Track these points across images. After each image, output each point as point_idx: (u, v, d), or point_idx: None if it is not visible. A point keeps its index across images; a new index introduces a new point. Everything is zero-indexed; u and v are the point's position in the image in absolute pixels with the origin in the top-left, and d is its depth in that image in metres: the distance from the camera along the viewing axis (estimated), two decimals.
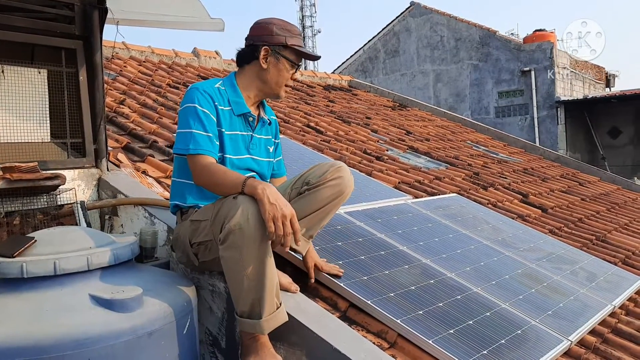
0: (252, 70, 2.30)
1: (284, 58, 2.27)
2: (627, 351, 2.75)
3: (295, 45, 2.27)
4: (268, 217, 1.84)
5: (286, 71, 2.29)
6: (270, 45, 2.25)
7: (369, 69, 18.43)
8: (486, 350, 2.24)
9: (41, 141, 2.86)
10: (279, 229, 1.85)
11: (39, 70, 2.84)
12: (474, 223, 3.86)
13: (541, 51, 15.30)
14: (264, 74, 2.28)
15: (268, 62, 2.26)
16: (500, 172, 6.18)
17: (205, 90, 2.20)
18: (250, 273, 1.91)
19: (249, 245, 1.88)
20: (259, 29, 2.28)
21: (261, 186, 1.90)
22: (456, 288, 2.73)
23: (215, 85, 2.26)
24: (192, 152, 2.09)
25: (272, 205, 1.85)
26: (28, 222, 2.60)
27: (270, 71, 2.28)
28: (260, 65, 2.26)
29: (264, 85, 2.32)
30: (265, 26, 2.27)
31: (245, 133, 2.32)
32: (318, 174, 2.27)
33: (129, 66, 6.29)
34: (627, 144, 16.03)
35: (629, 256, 4.31)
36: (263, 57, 2.25)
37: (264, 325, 1.99)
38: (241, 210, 1.87)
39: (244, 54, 2.31)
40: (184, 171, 2.23)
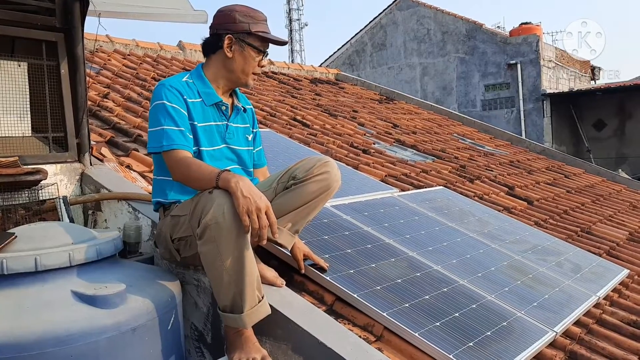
0: (218, 59, 2.26)
1: (248, 45, 2.22)
2: (611, 341, 2.77)
3: (259, 32, 2.21)
4: (242, 211, 1.82)
5: (252, 59, 2.24)
6: (233, 34, 2.20)
7: (356, 62, 18.42)
8: (472, 342, 2.25)
9: (22, 135, 2.82)
10: (254, 222, 1.83)
11: (19, 63, 2.79)
12: (460, 216, 3.86)
13: (527, 44, 15.38)
14: (230, 63, 2.24)
15: (233, 50, 2.22)
16: (486, 164, 6.20)
17: (172, 85, 2.16)
18: (229, 267, 1.89)
19: (226, 239, 1.86)
20: (221, 17, 2.23)
21: (234, 179, 1.87)
22: (442, 281, 2.73)
23: (182, 79, 2.22)
24: (166, 148, 2.07)
25: (245, 199, 1.83)
26: (9, 217, 2.56)
27: (236, 60, 2.23)
28: (225, 54, 2.22)
29: (231, 74, 2.27)
30: (227, 14, 2.22)
31: (219, 123, 2.29)
32: (305, 168, 2.23)
33: (113, 59, 6.22)
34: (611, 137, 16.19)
35: (614, 247, 4.35)
36: (227, 45, 2.21)
37: (245, 319, 1.97)
38: (216, 205, 1.86)
39: (209, 44, 2.27)
40: (162, 169, 2.21)
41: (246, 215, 1.82)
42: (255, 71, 2.29)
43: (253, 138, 2.48)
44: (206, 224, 1.87)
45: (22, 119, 2.80)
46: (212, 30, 2.25)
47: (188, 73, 2.28)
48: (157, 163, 2.26)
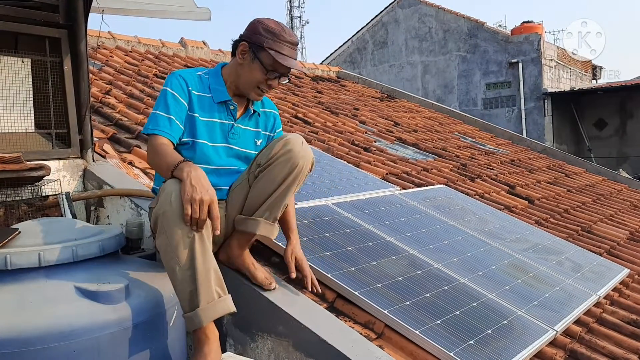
0: (234, 62, 2.28)
1: (257, 59, 2.21)
2: (612, 340, 2.78)
3: (272, 50, 2.18)
4: (185, 199, 1.80)
5: (258, 72, 2.23)
6: (249, 43, 2.21)
7: (357, 60, 18.41)
8: (472, 340, 2.26)
9: (25, 131, 2.83)
10: (194, 212, 1.79)
11: (22, 59, 2.80)
12: (461, 214, 3.87)
13: (529, 43, 15.37)
14: (239, 69, 2.26)
15: (244, 58, 2.23)
16: (487, 163, 6.21)
17: (181, 75, 2.21)
18: (182, 261, 1.83)
19: (174, 229, 1.82)
20: (249, 25, 2.26)
21: (187, 169, 1.86)
22: (443, 279, 2.74)
23: (197, 73, 2.27)
24: (149, 131, 2.10)
25: (192, 187, 1.81)
26: (12, 213, 2.57)
27: (245, 68, 2.24)
28: (237, 59, 2.25)
29: (238, 80, 2.28)
30: (254, 24, 2.24)
31: (225, 121, 2.29)
32: (267, 153, 2.18)
33: (115, 56, 6.23)
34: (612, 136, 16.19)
35: (614, 247, 4.36)
36: (240, 51, 2.23)
37: (201, 314, 1.83)
38: (165, 193, 1.86)
39: (233, 46, 2.29)
40: None
41: (188, 203, 1.79)
42: (260, 86, 2.27)
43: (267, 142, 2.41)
44: (156, 214, 1.88)
45: (26, 115, 2.81)
46: (240, 35, 2.28)
47: (207, 69, 2.32)
48: None
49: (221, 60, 7.78)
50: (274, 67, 2.22)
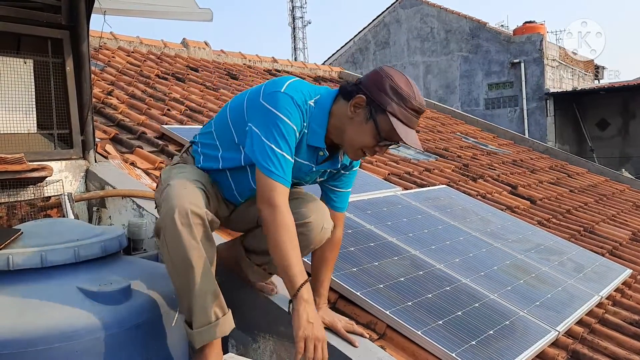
0: (343, 109, 1.87)
1: (373, 121, 1.81)
2: (614, 341, 2.77)
3: (394, 117, 1.78)
4: (300, 335, 1.67)
5: (368, 137, 1.83)
6: (369, 98, 1.81)
7: (359, 61, 18.40)
8: (474, 341, 2.26)
9: (27, 132, 2.83)
10: (309, 351, 1.67)
11: (24, 60, 2.80)
12: (463, 214, 3.87)
13: (531, 43, 15.35)
14: (347, 122, 1.86)
15: (356, 113, 1.83)
16: (489, 163, 6.20)
17: (300, 105, 1.83)
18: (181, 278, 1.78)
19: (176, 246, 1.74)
20: (375, 75, 1.85)
21: (307, 295, 1.74)
22: (445, 279, 2.74)
23: (309, 101, 1.88)
24: (274, 177, 1.77)
25: (309, 324, 1.69)
26: (14, 214, 2.58)
27: (354, 124, 1.84)
28: (348, 110, 1.84)
29: (341, 133, 1.89)
30: (381, 76, 1.82)
31: (306, 162, 1.97)
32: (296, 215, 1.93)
33: (117, 57, 6.24)
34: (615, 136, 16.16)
35: (616, 247, 4.35)
36: (355, 103, 1.83)
37: (194, 338, 1.80)
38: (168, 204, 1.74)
39: (347, 89, 1.89)
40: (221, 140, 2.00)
41: (303, 341, 1.67)
42: (365, 150, 1.89)
43: (331, 176, 2.12)
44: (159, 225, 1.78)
45: (28, 115, 2.82)
46: (360, 80, 1.90)
47: (318, 94, 1.93)
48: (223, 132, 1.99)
49: (223, 61, 7.79)
50: (390, 136, 1.82)
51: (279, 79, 1.90)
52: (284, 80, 1.88)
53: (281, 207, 1.76)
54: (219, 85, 6.33)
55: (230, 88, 6.35)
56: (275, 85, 1.86)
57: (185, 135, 3.93)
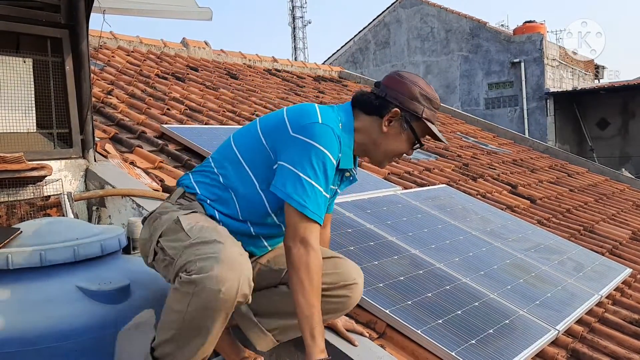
0: (370, 125, 1.84)
1: (410, 130, 1.83)
2: (614, 340, 2.77)
3: (429, 121, 1.83)
4: None
5: (405, 143, 1.86)
6: (403, 110, 1.81)
7: (359, 60, 18.40)
8: (474, 340, 2.25)
9: (27, 131, 2.83)
10: None
11: (24, 59, 2.80)
12: (463, 214, 3.87)
13: (531, 43, 15.34)
14: (380, 138, 1.84)
15: (391, 126, 1.82)
16: (489, 163, 6.20)
17: (338, 135, 1.75)
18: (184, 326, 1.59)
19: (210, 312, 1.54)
20: (399, 85, 1.83)
21: None
22: (445, 278, 2.74)
23: (338, 126, 1.79)
24: (311, 215, 1.66)
25: None
26: (14, 213, 2.58)
27: (389, 138, 1.84)
28: (381, 126, 1.82)
29: (373, 148, 1.87)
30: (408, 85, 1.82)
31: (333, 187, 1.90)
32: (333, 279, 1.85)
33: (117, 56, 6.23)
34: (615, 136, 16.15)
35: (616, 246, 4.35)
36: (388, 119, 1.81)
37: None
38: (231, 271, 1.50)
39: (370, 103, 1.85)
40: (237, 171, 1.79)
41: None
42: (399, 157, 1.93)
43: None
44: (200, 280, 1.50)
45: (27, 115, 2.81)
46: (382, 91, 1.84)
47: (339, 115, 1.84)
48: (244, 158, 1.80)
49: (223, 61, 7.79)
50: (424, 137, 1.89)
51: (305, 108, 1.79)
52: (312, 109, 1.77)
53: (316, 248, 1.66)
54: (219, 85, 6.33)
55: (230, 87, 6.34)
56: (308, 116, 1.74)
57: (184, 134, 3.93)
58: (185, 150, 3.86)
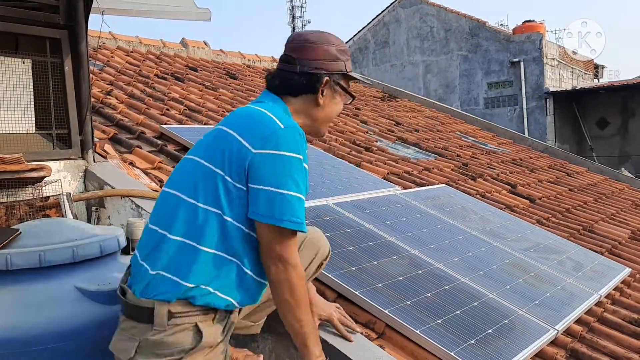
0: (304, 105, 1.73)
1: (342, 89, 1.77)
2: (613, 340, 2.77)
3: (350, 71, 1.79)
4: None
5: (341, 104, 1.80)
6: (330, 74, 1.72)
7: (358, 60, 18.39)
8: (473, 340, 2.25)
9: (26, 132, 2.83)
10: None
11: (23, 60, 2.80)
12: (462, 214, 3.87)
13: (530, 42, 15.34)
14: (317, 112, 1.74)
15: (325, 96, 1.73)
16: (489, 163, 6.20)
17: (301, 133, 1.61)
18: None
19: None
20: (316, 51, 1.70)
21: None
22: (444, 278, 2.74)
23: (293, 121, 1.66)
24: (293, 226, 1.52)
25: None
26: (13, 214, 2.58)
27: (326, 107, 1.75)
28: (317, 100, 1.72)
29: (313, 124, 1.77)
30: (325, 48, 1.71)
31: None
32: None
33: (116, 56, 6.24)
34: (614, 135, 16.15)
35: (615, 246, 4.35)
36: (321, 90, 1.72)
37: None
38: None
39: (298, 84, 1.71)
40: (231, 241, 1.54)
41: None
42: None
43: None
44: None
45: (26, 115, 2.82)
46: (302, 65, 1.69)
47: (280, 107, 1.70)
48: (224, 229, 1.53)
49: (222, 61, 7.78)
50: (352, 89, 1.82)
51: (253, 116, 1.61)
52: (263, 115, 1.60)
53: (295, 263, 1.54)
54: (218, 85, 6.33)
55: (230, 88, 6.34)
56: (264, 124, 1.57)
57: (184, 135, 3.93)
58: (184, 150, 3.86)
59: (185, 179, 1.59)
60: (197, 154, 1.61)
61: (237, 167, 1.52)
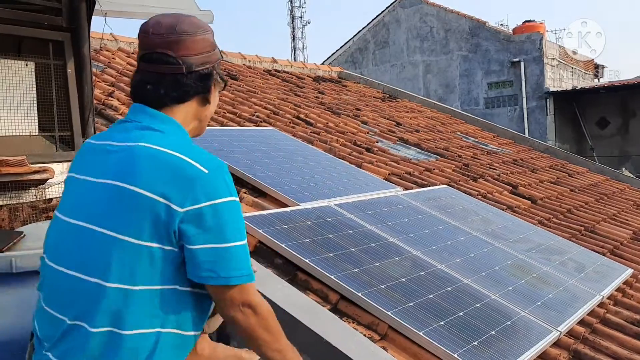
0: (192, 109, 1.45)
1: (220, 79, 1.50)
2: (615, 341, 2.78)
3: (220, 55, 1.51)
4: None
5: (218, 94, 1.53)
6: (214, 66, 1.46)
7: (358, 60, 18.41)
8: (476, 342, 2.26)
9: (29, 134, 2.84)
10: None
11: (26, 62, 2.81)
12: (463, 214, 3.87)
13: (530, 42, 15.35)
14: (205, 110, 1.48)
15: (213, 90, 1.48)
16: (489, 163, 6.20)
17: (223, 164, 1.38)
18: None
19: None
20: (196, 44, 1.41)
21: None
22: (446, 280, 2.74)
23: (206, 153, 1.40)
24: (252, 279, 1.35)
25: None
26: (17, 216, 2.58)
27: (212, 103, 1.49)
28: (207, 99, 1.46)
29: (199, 125, 1.50)
30: (204, 38, 1.44)
31: None
32: None
33: (117, 58, 6.24)
34: (614, 135, 16.16)
35: (617, 247, 4.35)
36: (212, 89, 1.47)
37: None
38: None
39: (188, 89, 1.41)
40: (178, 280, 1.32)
41: None
42: None
43: None
44: None
45: (29, 118, 2.82)
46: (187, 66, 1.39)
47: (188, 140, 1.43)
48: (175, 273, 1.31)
49: (223, 62, 7.78)
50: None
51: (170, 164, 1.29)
52: (178, 161, 1.29)
53: (259, 301, 1.37)
54: None
55: (231, 89, 6.35)
56: (184, 172, 1.28)
57: None
58: None
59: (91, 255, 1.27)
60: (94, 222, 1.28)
61: (164, 232, 1.25)
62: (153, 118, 1.39)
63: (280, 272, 2.52)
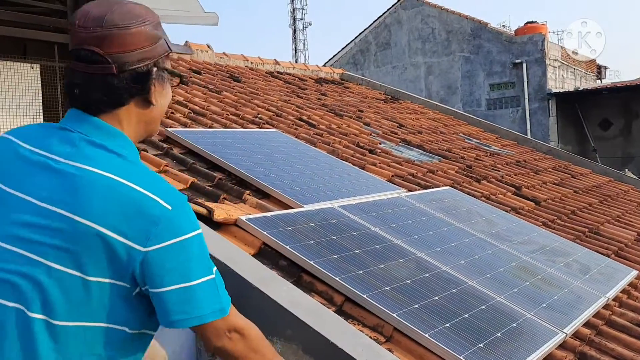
0: (134, 109, 1.30)
1: (169, 73, 1.36)
2: (621, 343, 2.77)
3: (170, 46, 1.34)
4: None
5: (170, 90, 1.39)
6: (156, 62, 1.29)
7: (360, 62, 18.43)
8: (482, 344, 2.26)
9: None
10: None
11: (31, 65, 2.81)
12: (467, 216, 3.87)
13: (532, 43, 15.36)
14: (150, 112, 1.33)
15: (156, 89, 1.31)
16: (493, 164, 6.20)
17: (183, 196, 1.27)
18: None
19: None
20: (133, 38, 1.23)
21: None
22: (451, 281, 2.74)
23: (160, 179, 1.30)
24: (220, 315, 1.25)
25: None
26: None
27: (158, 103, 1.33)
28: (150, 100, 1.30)
29: (146, 127, 1.36)
30: (142, 30, 1.25)
31: None
32: None
33: None
34: (617, 136, 16.16)
35: (622, 248, 4.35)
36: (152, 89, 1.30)
37: None
38: None
39: (125, 93, 1.25)
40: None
41: None
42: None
43: None
44: None
45: (35, 119, 2.82)
46: (123, 63, 1.22)
47: (132, 150, 1.31)
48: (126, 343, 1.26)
49: (225, 64, 7.80)
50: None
51: (117, 196, 1.16)
52: (139, 196, 1.17)
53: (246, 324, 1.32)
54: (222, 88, 6.34)
55: (233, 91, 6.35)
56: (145, 209, 1.16)
57: (189, 138, 3.93)
58: (189, 153, 3.87)
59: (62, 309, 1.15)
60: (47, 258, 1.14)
61: (125, 272, 1.16)
62: (99, 130, 1.24)
63: (285, 274, 2.52)
